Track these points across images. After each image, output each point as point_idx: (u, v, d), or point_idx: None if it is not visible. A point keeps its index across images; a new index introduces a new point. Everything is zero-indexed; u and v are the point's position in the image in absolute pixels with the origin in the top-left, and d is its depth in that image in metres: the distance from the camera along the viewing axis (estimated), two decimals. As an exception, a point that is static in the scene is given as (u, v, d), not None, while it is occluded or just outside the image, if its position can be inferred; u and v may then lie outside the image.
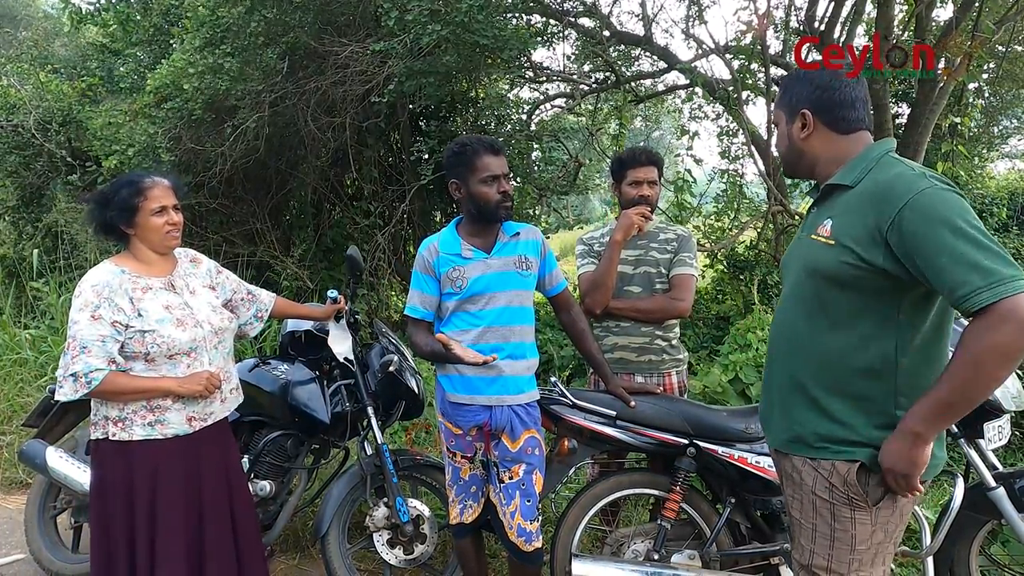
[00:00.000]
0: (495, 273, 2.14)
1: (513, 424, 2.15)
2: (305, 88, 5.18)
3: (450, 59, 4.25)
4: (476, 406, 2.14)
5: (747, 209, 6.39)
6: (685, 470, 2.24)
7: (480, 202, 2.11)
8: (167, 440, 2.01)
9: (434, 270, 2.16)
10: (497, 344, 2.13)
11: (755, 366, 3.43)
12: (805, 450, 1.51)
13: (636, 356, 2.54)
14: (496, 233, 2.20)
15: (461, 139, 2.17)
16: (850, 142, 1.54)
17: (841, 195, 1.48)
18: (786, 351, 1.57)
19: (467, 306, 2.13)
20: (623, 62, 7.28)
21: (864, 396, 1.44)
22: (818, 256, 1.46)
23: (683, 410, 2.28)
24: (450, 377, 2.18)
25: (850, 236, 1.40)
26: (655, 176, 2.56)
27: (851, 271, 1.40)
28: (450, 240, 2.19)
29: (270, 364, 2.72)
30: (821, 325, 1.48)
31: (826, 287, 1.45)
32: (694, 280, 2.49)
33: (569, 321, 2.37)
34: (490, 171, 2.10)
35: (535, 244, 2.25)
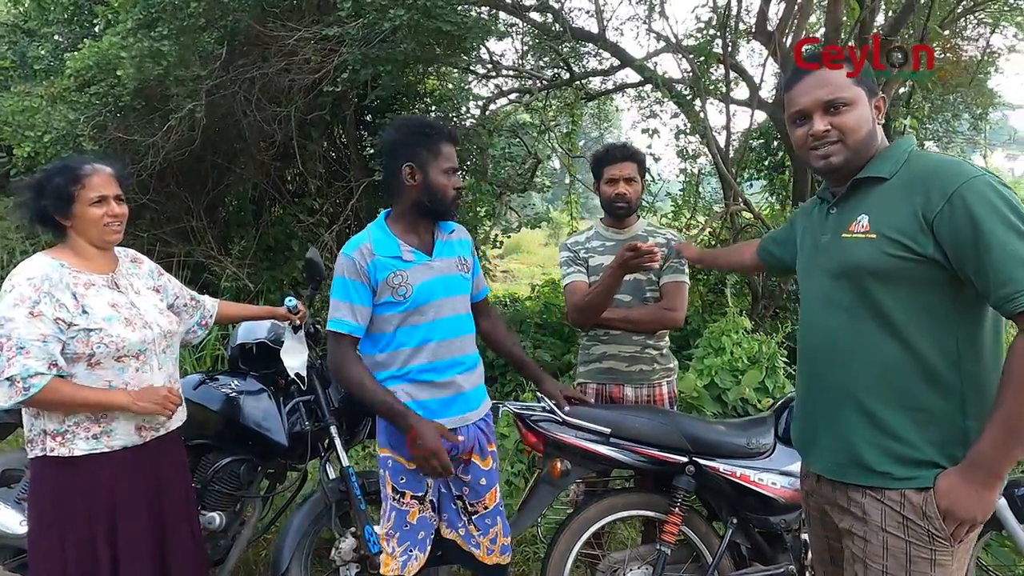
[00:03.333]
0: (440, 277, 1.90)
1: (481, 442, 1.97)
2: (246, 76, 4.82)
3: (408, 46, 3.99)
4: None
5: (703, 208, 6.37)
6: (684, 489, 2.09)
7: (438, 194, 1.86)
8: (116, 453, 1.80)
9: (368, 276, 1.83)
10: (454, 359, 1.90)
11: (730, 370, 3.34)
12: (865, 477, 1.35)
13: (626, 366, 2.38)
14: (433, 231, 1.96)
15: (423, 119, 1.90)
16: (880, 134, 1.43)
17: (873, 189, 1.38)
18: (831, 361, 1.41)
19: (414, 318, 1.85)
20: (575, 59, 7.16)
21: (929, 406, 1.29)
22: (858, 253, 1.34)
23: (680, 425, 2.13)
24: (404, 404, 1.86)
25: (893, 226, 1.30)
26: (633, 172, 2.40)
27: (898, 263, 1.28)
28: (384, 240, 1.88)
29: (218, 380, 2.43)
30: (869, 329, 1.34)
31: (872, 286, 1.32)
32: (687, 288, 2.35)
33: (489, 327, 2.18)
34: (452, 162, 1.89)
35: (468, 244, 2.05)
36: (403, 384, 1.87)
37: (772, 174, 8.37)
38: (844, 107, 1.37)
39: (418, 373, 1.87)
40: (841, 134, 1.38)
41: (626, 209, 2.40)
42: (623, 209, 2.40)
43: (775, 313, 5.91)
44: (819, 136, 1.39)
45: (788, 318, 5.80)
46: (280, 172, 6.55)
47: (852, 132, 1.38)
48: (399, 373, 1.87)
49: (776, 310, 5.93)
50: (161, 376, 1.89)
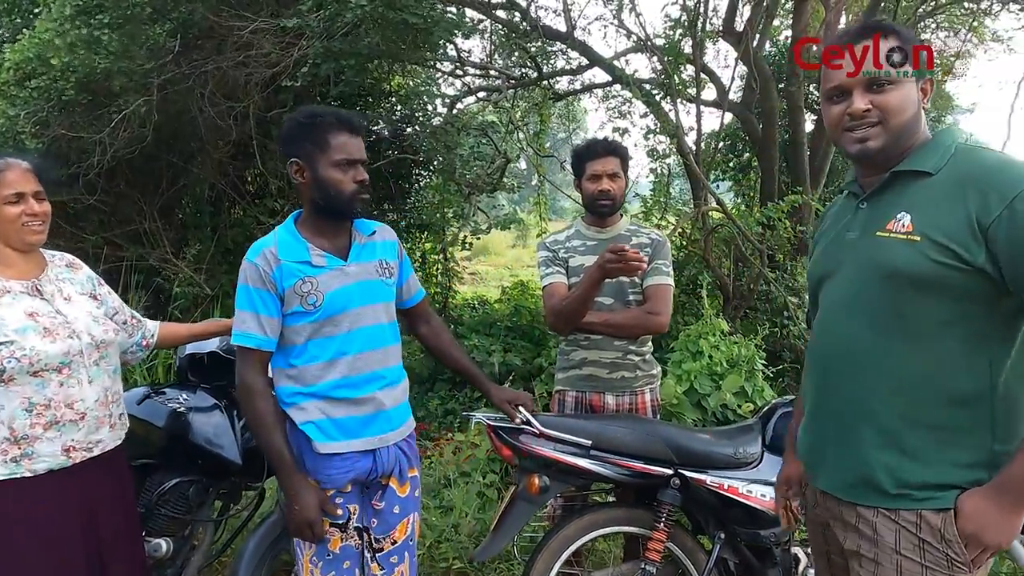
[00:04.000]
0: (357, 284, 1.71)
1: (401, 465, 1.79)
2: (201, 70, 4.58)
3: (373, 40, 3.82)
4: (354, 453, 1.71)
5: (672, 208, 6.33)
6: (670, 503, 1.97)
7: (331, 191, 1.65)
8: (40, 477, 1.61)
9: (275, 284, 1.65)
10: (373, 373, 1.72)
11: (709, 375, 3.25)
12: (878, 498, 1.23)
13: (608, 373, 2.25)
14: (349, 233, 1.77)
15: (310, 109, 1.70)
16: (923, 122, 1.28)
17: (915, 184, 1.23)
18: (848, 372, 1.28)
19: (327, 329, 1.67)
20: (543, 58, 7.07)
21: (954, 427, 1.18)
22: (897, 255, 1.20)
23: (665, 435, 2.02)
24: (316, 423, 1.68)
25: (942, 229, 1.16)
26: (616, 167, 2.27)
27: (942, 271, 1.15)
28: (292, 243, 1.69)
29: (165, 394, 2.23)
30: (896, 340, 1.21)
31: (908, 292, 1.19)
32: (671, 291, 2.23)
33: (431, 334, 2.01)
34: (347, 153, 1.65)
35: (392, 246, 1.87)
36: (315, 401, 1.69)
37: (738, 175, 8.40)
38: (889, 85, 1.22)
39: (332, 389, 1.68)
40: (882, 115, 1.23)
41: (610, 207, 2.27)
42: (607, 207, 2.27)
43: (745, 314, 5.89)
44: (857, 116, 1.23)
45: (759, 319, 5.78)
46: (239, 172, 6.31)
47: (895, 114, 1.22)
48: (310, 389, 1.69)
49: (747, 310, 5.91)
50: (94, 391, 1.70)
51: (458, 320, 6.50)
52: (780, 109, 6.30)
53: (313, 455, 1.69)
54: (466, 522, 2.92)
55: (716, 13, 7.10)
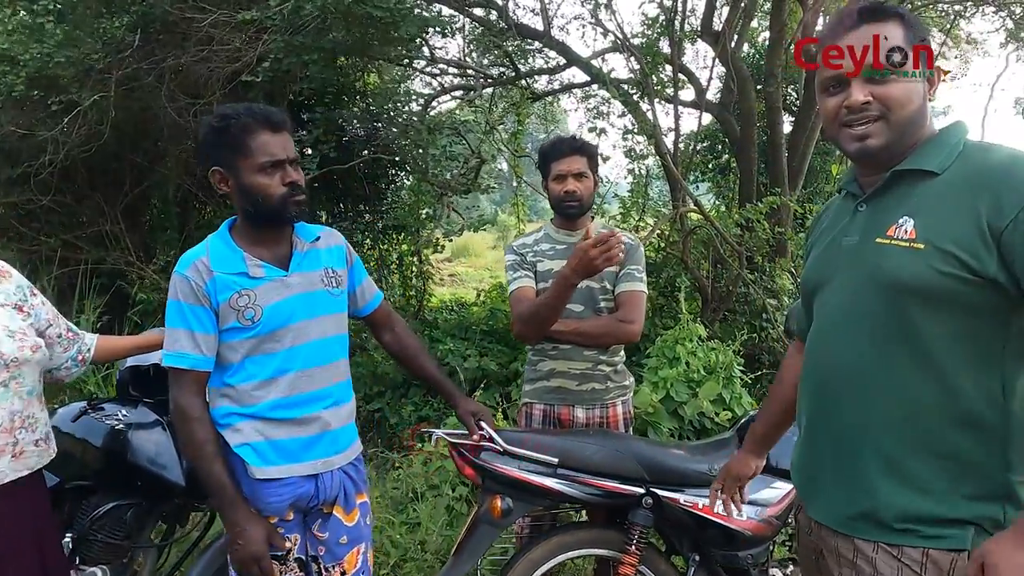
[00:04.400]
0: (299, 296, 1.58)
1: (347, 490, 1.66)
2: (161, 65, 4.40)
3: (338, 35, 3.67)
4: (295, 478, 1.58)
5: (651, 210, 6.24)
6: (641, 524, 1.86)
7: (259, 198, 1.51)
8: None
9: (208, 298, 1.51)
10: (318, 391, 1.60)
11: (686, 382, 3.15)
12: (879, 532, 1.11)
13: (577, 384, 2.13)
14: (289, 240, 1.62)
15: (223, 109, 1.54)
16: (930, 116, 1.16)
17: (919, 185, 1.12)
18: (846, 392, 1.16)
19: (267, 346, 1.55)
20: (520, 57, 6.96)
21: (964, 454, 1.06)
22: (899, 265, 1.08)
23: (636, 451, 1.90)
24: (253, 445, 1.55)
25: (948, 236, 1.04)
26: (583, 167, 2.14)
27: (949, 283, 1.04)
28: (226, 253, 1.55)
29: (103, 410, 2.07)
30: (900, 357, 1.09)
31: (911, 306, 1.07)
32: (644, 297, 2.12)
33: (394, 341, 1.88)
34: (270, 154, 1.49)
35: (339, 251, 1.73)
36: (252, 422, 1.56)
37: (718, 176, 8.36)
38: (892, 75, 1.11)
39: (271, 409, 1.55)
40: (884, 108, 1.11)
41: (577, 208, 2.15)
42: (573, 208, 2.15)
43: (724, 316, 5.82)
44: (856, 108, 1.12)
45: (737, 321, 5.72)
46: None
47: (898, 107, 1.11)
48: (248, 410, 1.55)
49: (726, 313, 5.84)
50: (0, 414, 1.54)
51: (433, 324, 6.37)
52: (758, 110, 6.25)
53: (249, 480, 1.55)
54: (433, 539, 2.79)
55: (694, 13, 7.07)
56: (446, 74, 7.04)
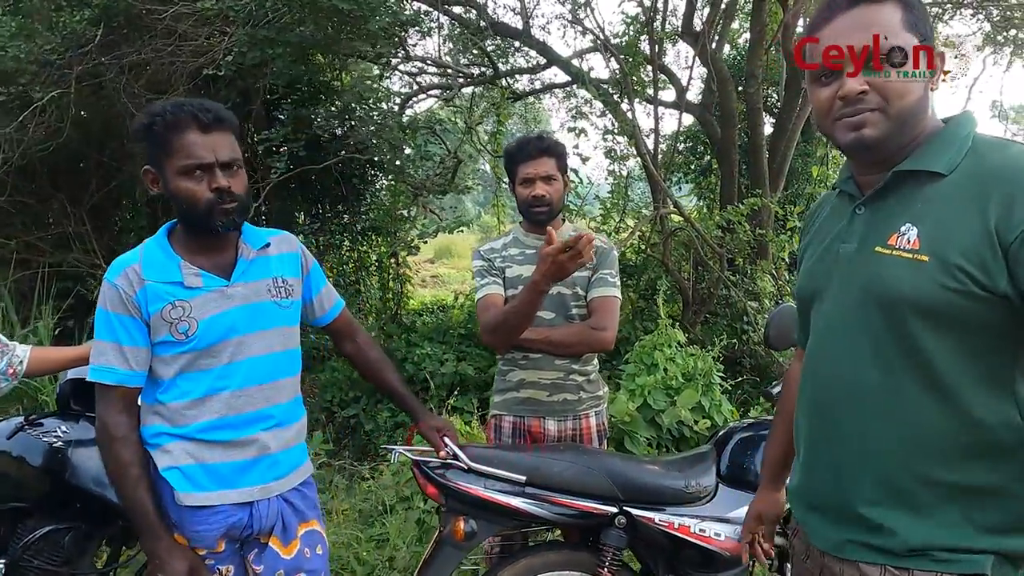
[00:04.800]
0: (241, 308, 1.46)
1: (285, 520, 1.53)
2: (125, 61, 4.24)
3: (306, 29, 3.54)
4: (227, 506, 1.45)
5: (632, 211, 6.17)
6: (614, 546, 1.76)
7: (183, 204, 1.38)
8: None
9: (139, 308, 1.39)
10: (258, 412, 1.47)
11: (664, 389, 3.06)
12: (886, 558, 1.02)
13: (548, 396, 2.03)
14: (235, 246, 1.49)
15: (155, 106, 1.41)
16: (933, 113, 1.05)
17: (924, 187, 1.01)
18: (847, 415, 1.06)
19: (203, 362, 1.42)
20: (500, 57, 6.87)
21: (979, 485, 0.97)
22: (901, 279, 0.98)
23: (609, 467, 1.80)
24: (182, 468, 1.42)
25: (955, 247, 0.94)
26: (552, 168, 2.02)
27: (956, 300, 0.93)
28: (160, 260, 1.42)
29: (42, 426, 1.94)
30: (904, 378, 0.99)
31: (914, 326, 0.97)
32: (618, 303, 2.01)
33: (356, 352, 1.78)
34: (195, 156, 1.36)
35: (292, 259, 1.60)
36: (184, 443, 1.43)
37: (699, 177, 8.32)
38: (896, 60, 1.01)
39: (204, 431, 1.43)
40: (882, 99, 1.01)
41: (547, 214, 2.04)
42: (542, 215, 2.03)
43: (705, 319, 5.76)
44: (851, 99, 1.02)
45: (719, 323, 5.66)
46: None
47: (897, 97, 1.00)
48: (179, 430, 1.43)
49: (707, 315, 5.78)
50: None
51: (411, 327, 6.24)
52: (739, 111, 6.20)
53: (177, 507, 1.43)
54: (402, 555, 2.67)
55: (675, 13, 7.01)
56: (424, 73, 6.93)
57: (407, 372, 5.22)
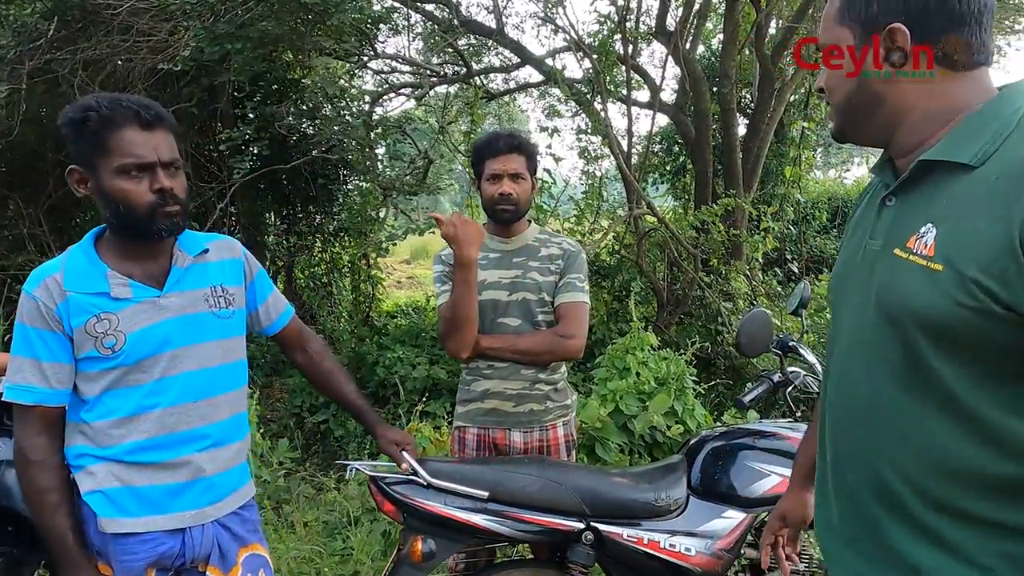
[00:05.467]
0: (175, 320, 1.36)
1: (222, 546, 1.43)
2: (80, 57, 4.08)
3: (268, 23, 3.42)
4: (156, 533, 1.35)
5: (606, 213, 6.13)
6: (581, 563, 1.68)
7: (120, 206, 1.28)
8: None
9: (60, 322, 1.29)
10: (192, 431, 1.38)
11: (636, 394, 3.00)
12: None
13: (513, 406, 1.94)
14: (169, 253, 1.40)
15: (87, 99, 1.31)
16: (965, 86, 0.89)
17: (950, 182, 0.86)
18: (863, 437, 0.95)
19: (133, 377, 1.33)
20: (474, 56, 6.78)
21: (1013, 519, 0.83)
22: (910, 290, 0.86)
23: (575, 481, 1.73)
24: (106, 492, 1.32)
25: (975, 257, 0.79)
26: (521, 167, 1.95)
27: (974, 321, 0.79)
28: (85, 269, 1.32)
29: (-28, 443, 1.82)
30: (924, 402, 0.87)
31: (926, 345, 0.84)
32: (586, 309, 1.94)
33: (308, 362, 1.69)
34: (135, 155, 1.27)
35: (234, 266, 1.51)
36: (109, 465, 1.33)
37: (674, 178, 8.31)
38: (831, 57, 0.96)
39: (132, 452, 1.33)
40: (828, 94, 0.99)
41: (513, 213, 1.96)
42: (508, 212, 1.95)
43: (680, 320, 5.73)
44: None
45: (693, 324, 5.63)
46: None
47: (829, 92, 0.98)
48: (104, 452, 1.33)
49: (682, 316, 5.75)
50: None
51: (382, 330, 6.13)
52: (713, 111, 6.19)
53: (96, 534, 1.32)
54: (365, 570, 2.57)
55: (648, 13, 6.98)
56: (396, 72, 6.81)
57: (378, 376, 5.11)
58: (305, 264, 7.39)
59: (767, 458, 1.82)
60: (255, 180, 5.45)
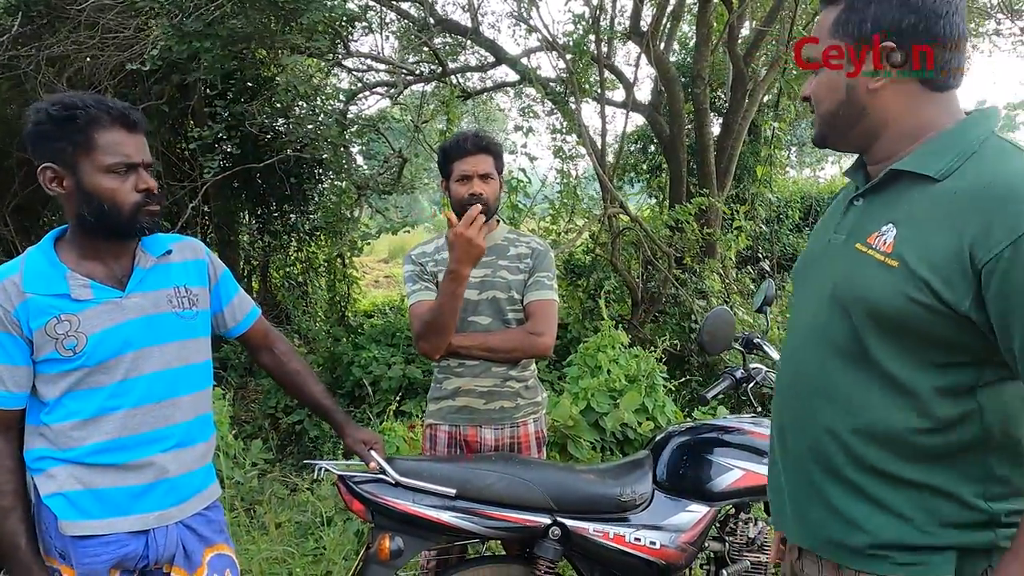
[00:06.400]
0: (137, 320, 1.35)
1: (187, 547, 1.42)
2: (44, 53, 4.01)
3: (237, 21, 3.39)
4: (119, 535, 1.33)
5: (581, 212, 6.17)
6: (549, 558, 1.70)
7: (104, 205, 1.28)
8: None
9: (18, 324, 1.27)
10: (155, 432, 1.36)
11: (607, 391, 3.03)
12: (850, 558, 1.00)
13: (484, 403, 1.95)
14: (132, 253, 1.39)
15: (66, 97, 1.30)
16: (939, 106, 0.98)
17: (914, 190, 0.96)
18: (808, 409, 1.05)
19: (94, 379, 1.31)
20: (450, 55, 6.77)
21: (938, 485, 0.95)
22: (868, 281, 0.96)
23: (542, 478, 1.75)
24: (67, 495, 1.30)
25: (926, 260, 0.90)
26: (489, 167, 1.96)
27: (919, 313, 0.90)
28: (44, 270, 1.30)
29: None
30: (867, 381, 0.97)
31: (873, 331, 0.96)
32: (555, 307, 1.96)
33: (274, 363, 1.68)
34: (123, 155, 1.29)
35: (198, 266, 1.50)
36: (70, 467, 1.32)
37: (649, 177, 8.38)
38: (830, 57, 1.02)
39: (92, 454, 1.31)
40: (815, 103, 1.06)
41: (483, 212, 1.97)
42: (480, 213, 1.96)
43: (655, 318, 5.79)
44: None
45: (668, 322, 5.69)
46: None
47: (816, 102, 1.05)
48: (64, 454, 1.31)
49: (656, 314, 5.81)
50: None
51: (358, 330, 6.11)
52: (687, 111, 6.25)
53: (57, 536, 1.31)
54: (338, 570, 2.57)
55: (623, 13, 7.02)
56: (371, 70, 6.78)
57: (354, 376, 5.09)
58: (280, 263, 7.34)
59: (731, 453, 1.85)
60: (228, 179, 5.39)
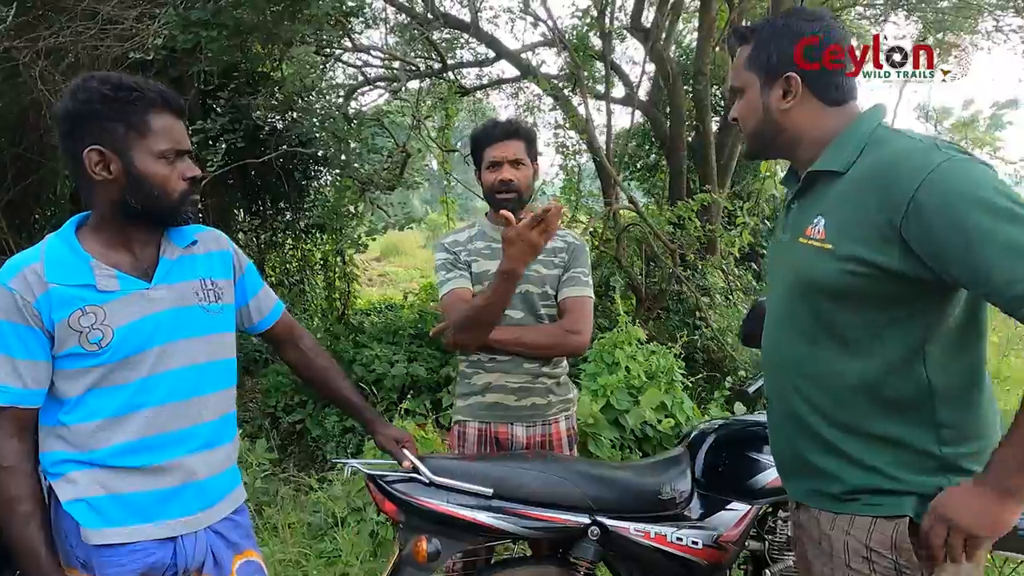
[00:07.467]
0: (165, 313, 1.29)
1: (216, 554, 1.36)
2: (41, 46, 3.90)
3: (243, 11, 3.30)
4: (146, 542, 1.26)
5: (583, 207, 6.12)
6: (588, 560, 1.65)
7: (154, 191, 1.23)
8: None
9: (39, 316, 1.19)
10: (182, 432, 1.30)
11: (627, 389, 2.98)
12: (830, 503, 1.21)
13: (516, 400, 1.89)
14: (158, 244, 1.32)
15: (115, 77, 1.23)
16: (838, 116, 1.22)
17: (830, 184, 1.19)
18: (785, 383, 1.26)
19: (119, 375, 1.24)
20: (448, 50, 6.70)
21: (895, 435, 1.14)
22: (813, 266, 1.17)
23: (580, 475, 1.69)
24: (89, 501, 1.23)
25: (852, 237, 1.11)
26: (520, 152, 1.90)
27: (859, 282, 1.11)
28: (68, 259, 1.23)
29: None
30: (829, 350, 1.18)
31: (828, 305, 1.16)
32: (591, 304, 1.90)
33: (301, 360, 1.63)
34: (174, 141, 1.24)
35: (223, 258, 1.44)
36: (93, 471, 1.25)
37: (646, 175, 8.35)
38: (739, 94, 1.29)
39: (116, 456, 1.24)
40: (741, 123, 1.31)
41: (515, 200, 1.89)
42: (510, 200, 1.88)
43: (658, 315, 5.75)
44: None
45: (672, 319, 5.65)
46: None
47: (742, 122, 1.30)
48: (86, 456, 1.24)
49: (660, 311, 5.77)
50: None
51: (359, 328, 6.03)
52: (688, 108, 6.22)
53: (79, 545, 1.23)
54: (355, 572, 2.50)
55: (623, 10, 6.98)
56: (370, 65, 6.70)
57: (355, 375, 5.02)
58: (276, 261, 7.24)
59: (768, 449, 1.81)
60: (224, 175, 5.28)
